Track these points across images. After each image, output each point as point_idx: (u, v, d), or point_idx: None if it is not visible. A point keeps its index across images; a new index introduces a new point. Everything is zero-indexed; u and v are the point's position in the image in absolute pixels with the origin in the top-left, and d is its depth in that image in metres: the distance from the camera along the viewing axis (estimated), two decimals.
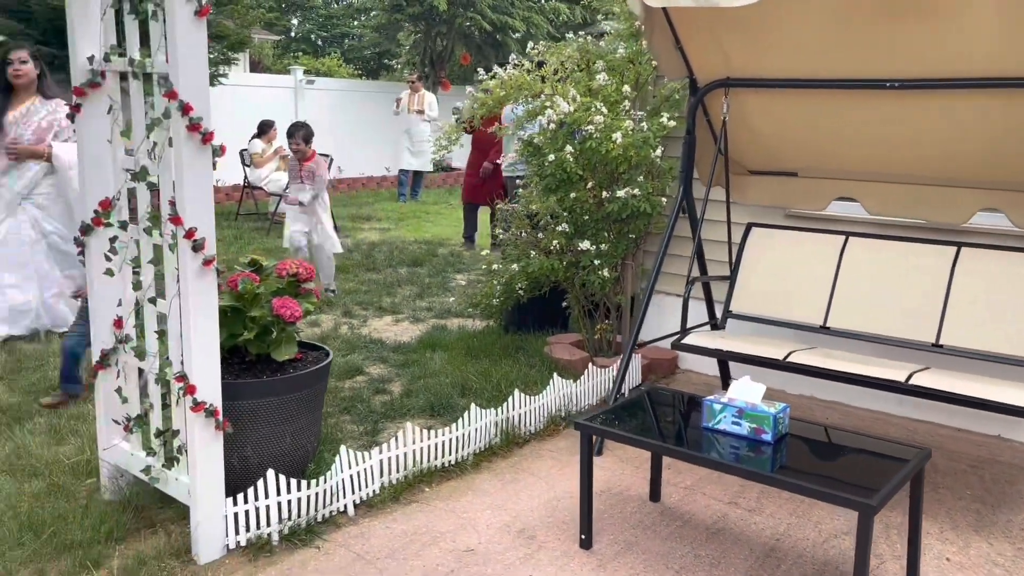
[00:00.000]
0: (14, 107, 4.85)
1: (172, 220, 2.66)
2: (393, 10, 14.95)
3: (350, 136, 14.53)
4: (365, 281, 7.21)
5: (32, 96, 4.87)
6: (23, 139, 4.82)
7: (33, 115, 4.85)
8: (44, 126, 4.88)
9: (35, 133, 4.86)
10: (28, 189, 4.93)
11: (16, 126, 4.84)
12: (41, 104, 4.88)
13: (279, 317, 3.04)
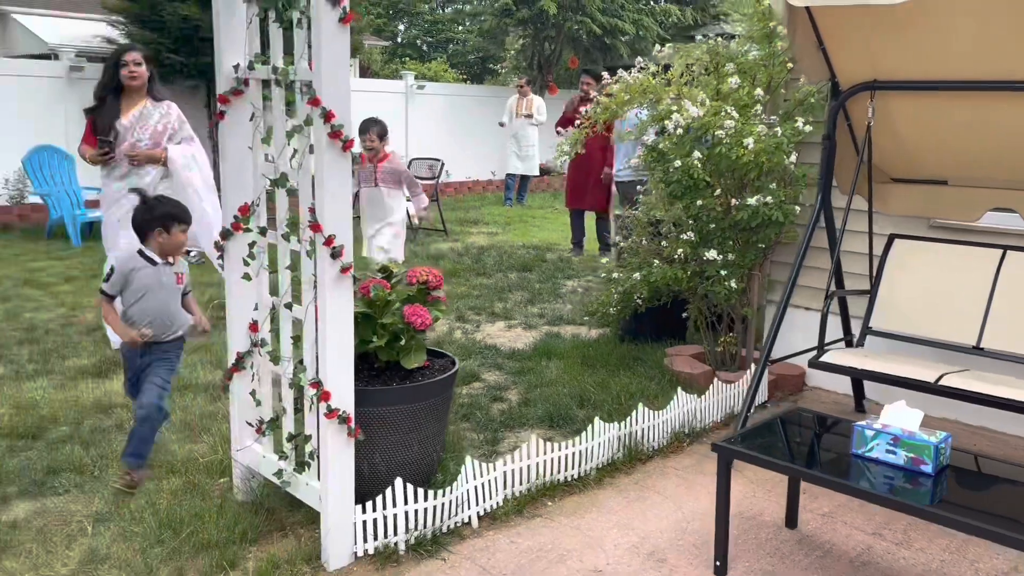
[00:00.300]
0: (126, 110, 4.78)
1: (311, 227, 2.66)
2: (502, 15, 15.01)
3: (456, 140, 14.67)
4: (476, 286, 7.21)
5: (143, 99, 4.82)
6: (141, 143, 4.78)
7: (148, 118, 4.80)
8: (159, 129, 4.83)
9: (151, 137, 4.81)
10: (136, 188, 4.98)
11: (133, 130, 4.77)
12: (153, 107, 4.84)
13: (409, 325, 3.02)
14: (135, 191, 3.71)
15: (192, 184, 4.89)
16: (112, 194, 4.83)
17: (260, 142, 2.96)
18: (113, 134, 4.72)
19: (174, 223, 3.35)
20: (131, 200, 4.71)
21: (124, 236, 4.63)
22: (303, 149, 2.75)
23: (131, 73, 4.70)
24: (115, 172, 4.79)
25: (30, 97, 10.04)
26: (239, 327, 3.15)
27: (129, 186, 4.67)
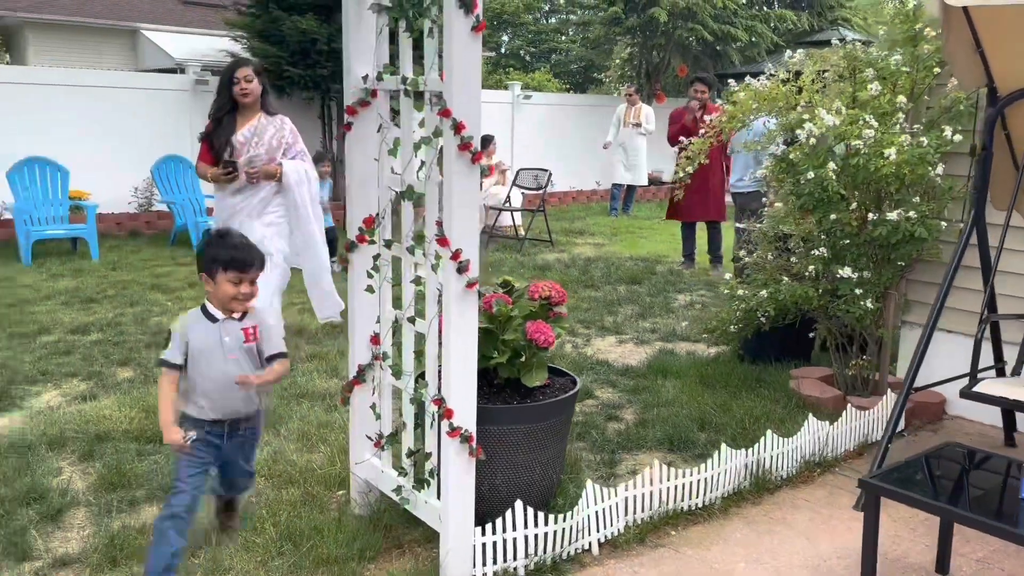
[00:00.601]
0: (241, 125, 4.71)
1: (438, 241, 2.60)
2: (611, 24, 14.86)
3: (560, 149, 14.59)
4: (585, 298, 7.08)
5: (257, 113, 4.75)
6: (257, 159, 4.69)
7: (263, 133, 4.72)
8: (274, 144, 4.74)
9: (267, 152, 4.72)
10: (259, 209, 4.78)
11: (248, 145, 4.69)
12: (267, 121, 4.76)
13: (532, 342, 2.92)
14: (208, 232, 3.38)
15: (304, 201, 4.81)
16: (226, 209, 4.79)
17: (387, 154, 2.93)
18: (229, 150, 4.66)
19: (220, 268, 2.65)
20: (244, 214, 4.68)
21: None
22: (431, 161, 2.69)
23: (243, 90, 4.64)
24: (230, 187, 4.73)
25: (158, 109, 10.54)
26: (361, 339, 3.12)
27: (245, 203, 4.67)
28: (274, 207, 4.80)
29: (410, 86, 2.71)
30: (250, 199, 4.73)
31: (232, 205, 4.74)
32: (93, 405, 4.16)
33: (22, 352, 5.07)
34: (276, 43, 10.52)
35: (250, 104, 4.70)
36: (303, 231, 4.85)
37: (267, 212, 4.79)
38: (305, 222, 4.83)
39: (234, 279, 2.66)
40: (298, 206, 4.75)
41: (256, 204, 4.74)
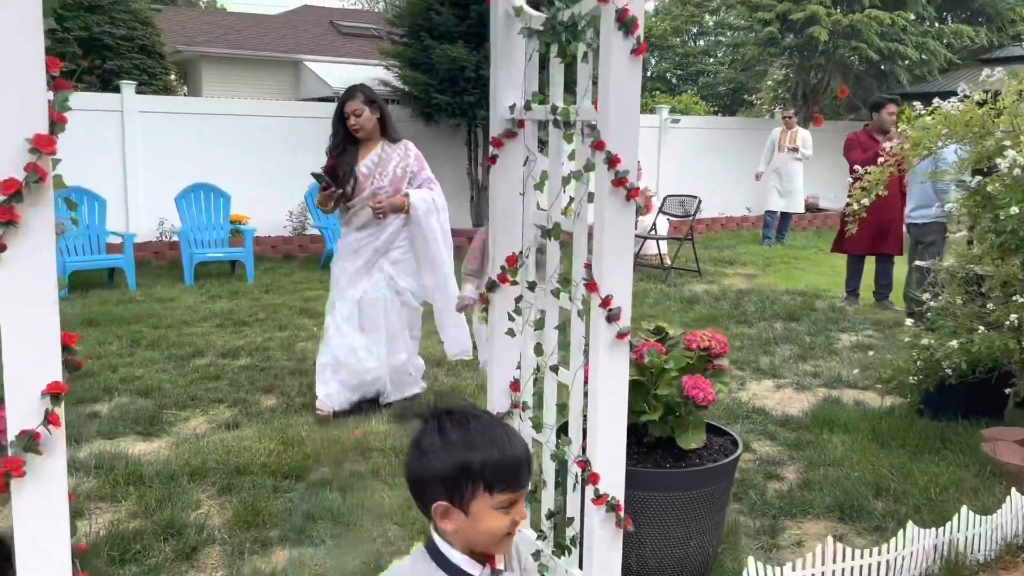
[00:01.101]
0: (363, 155, 4.42)
1: (587, 285, 2.35)
2: (766, 44, 14.23)
3: (709, 174, 14.05)
4: (738, 335, 6.61)
5: (378, 141, 4.44)
6: (382, 191, 4.37)
7: (387, 163, 4.40)
8: (399, 174, 4.41)
9: (392, 183, 4.40)
10: (387, 245, 4.44)
11: (372, 177, 4.37)
12: (391, 148, 4.45)
13: (689, 399, 2.61)
14: None
15: (434, 233, 4.49)
16: (350, 246, 4.46)
17: (533, 188, 2.72)
18: (352, 183, 4.36)
19: (482, 487, 1.43)
20: (371, 250, 4.39)
21: (355, 288, 4.42)
22: (581, 197, 2.45)
23: (354, 125, 4.35)
24: (355, 221, 4.43)
25: (315, 136, 10.87)
26: (500, 385, 2.91)
27: (371, 239, 4.40)
28: (401, 241, 4.47)
29: (560, 116, 2.49)
30: (376, 235, 4.40)
31: (357, 241, 4.44)
32: (235, 434, 4.18)
33: (176, 375, 5.22)
34: (426, 71, 10.68)
35: (367, 136, 4.42)
36: (433, 264, 4.54)
37: (394, 247, 4.47)
38: (436, 255, 4.50)
39: (505, 502, 1.45)
40: (427, 239, 4.43)
41: (383, 240, 4.43)
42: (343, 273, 4.47)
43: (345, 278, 4.44)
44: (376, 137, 4.44)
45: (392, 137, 4.48)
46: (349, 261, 4.44)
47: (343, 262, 4.48)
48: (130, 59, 12.24)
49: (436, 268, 4.52)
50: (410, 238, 4.46)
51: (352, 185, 4.36)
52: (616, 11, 2.17)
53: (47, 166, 1.64)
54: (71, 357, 1.74)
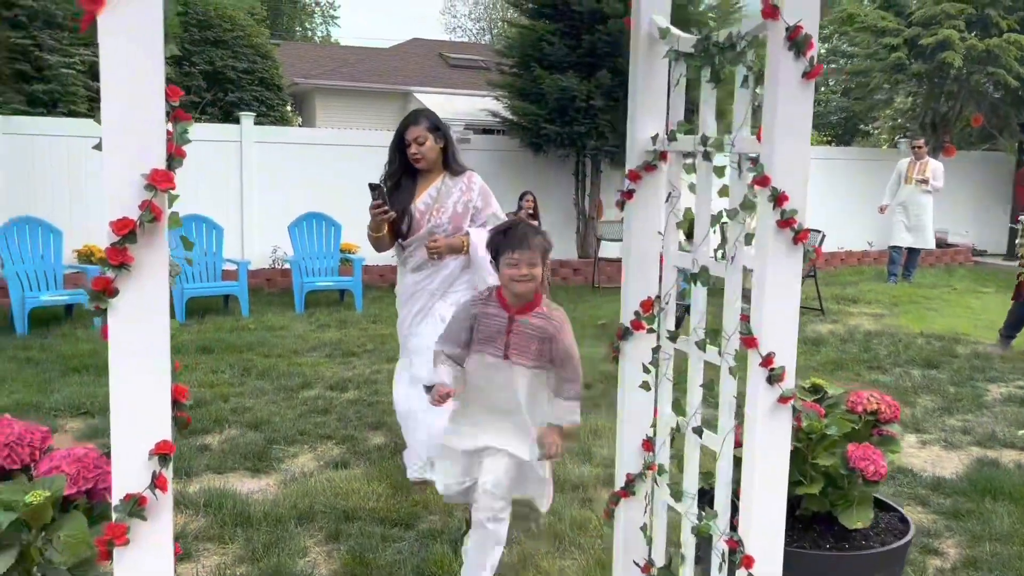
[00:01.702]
0: (420, 190, 3.87)
1: (744, 340, 2.06)
2: (894, 70, 13.49)
3: (826, 206, 13.37)
4: (871, 383, 6.10)
5: (439, 173, 3.88)
6: (440, 230, 3.82)
7: (446, 197, 3.85)
8: (460, 210, 3.85)
9: (451, 220, 3.83)
10: (443, 288, 3.87)
11: (429, 214, 3.82)
12: (452, 182, 3.89)
13: (857, 472, 2.27)
14: None
15: (494, 277, 3.76)
16: (407, 288, 3.93)
17: (675, 227, 2.45)
18: (408, 221, 3.82)
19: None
20: (427, 294, 3.85)
21: (417, 334, 3.83)
22: (735, 238, 2.17)
23: (415, 155, 3.79)
24: (410, 262, 3.90)
25: None
26: (631, 444, 2.63)
27: (427, 281, 3.82)
28: (460, 285, 3.86)
29: (712, 147, 2.22)
30: (432, 277, 3.84)
31: (414, 283, 3.88)
32: (344, 475, 4.04)
33: (285, 407, 5.15)
34: (535, 101, 10.57)
35: (427, 167, 3.85)
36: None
37: (452, 291, 3.86)
38: None
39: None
40: (487, 280, 3.76)
41: (439, 283, 3.85)
42: (402, 322, 3.97)
43: (405, 326, 3.94)
44: (437, 168, 3.88)
45: (455, 169, 3.91)
46: (406, 307, 3.93)
47: (401, 308, 3.99)
48: (250, 91, 12.67)
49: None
50: (470, 282, 3.87)
51: (407, 224, 3.82)
52: (787, 28, 1.90)
53: (163, 204, 1.49)
54: (181, 413, 1.58)
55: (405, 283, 3.95)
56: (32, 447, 1.66)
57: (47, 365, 6.01)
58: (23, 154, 8.95)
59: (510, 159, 11.51)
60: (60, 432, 4.63)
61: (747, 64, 2.07)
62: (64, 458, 1.64)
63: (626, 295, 2.61)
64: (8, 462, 1.63)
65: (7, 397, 5.16)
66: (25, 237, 7.59)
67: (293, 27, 35.09)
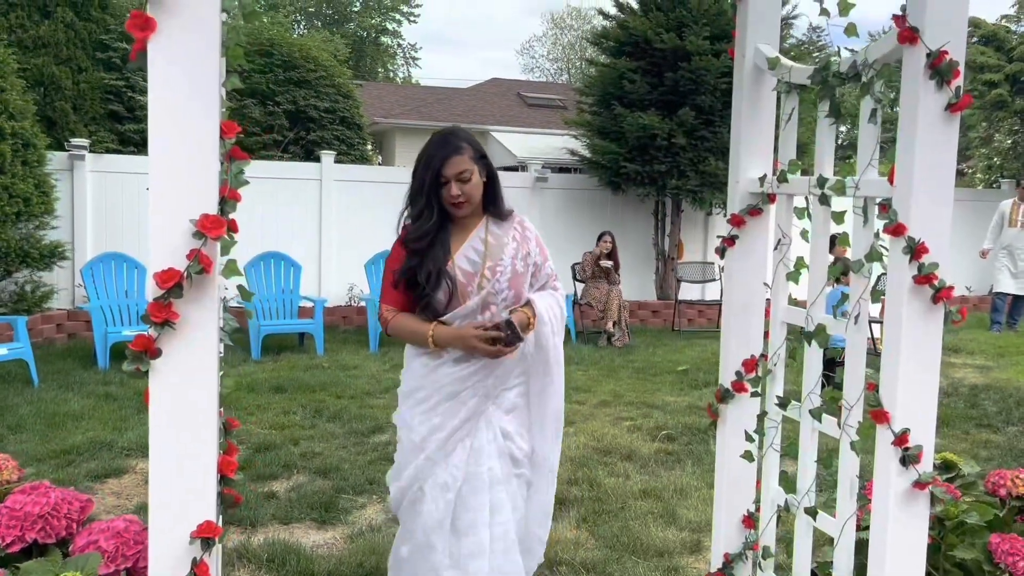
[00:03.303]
0: (458, 241, 2.61)
1: (872, 413, 1.78)
2: (993, 108, 12.85)
3: None
4: (980, 442, 5.59)
5: (478, 217, 2.65)
6: (500, 297, 2.58)
7: (498, 252, 2.60)
8: (520, 268, 2.62)
9: (513, 285, 2.59)
10: (498, 386, 2.59)
11: (479, 277, 2.57)
12: (499, 229, 2.65)
13: (1002, 567, 1.93)
14: None
15: (558, 357, 2.66)
16: (440, 383, 2.54)
17: (784, 278, 2.19)
18: (448, 287, 2.54)
19: None
20: (478, 395, 2.54)
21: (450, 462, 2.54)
22: (859, 295, 1.90)
23: (456, 199, 2.54)
24: (450, 349, 2.56)
25: None
26: (729, 518, 2.35)
27: (477, 377, 2.53)
28: (517, 377, 2.63)
29: (832, 189, 1.96)
30: (482, 373, 2.54)
31: (454, 380, 2.53)
32: None
33: (355, 452, 5.00)
34: (615, 139, 10.38)
35: (469, 212, 2.63)
36: (544, 412, 2.68)
37: (508, 389, 2.62)
38: (552, 399, 2.67)
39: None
40: (551, 372, 2.64)
41: (493, 380, 2.57)
42: (430, 434, 2.52)
43: (434, 442, 2.52)
44: (476, 211, 2.65)
45: (501, 211, 2.69)
46: (440, 412, 2.53)
47: (427, 412, 2.54)
48: (332, 130, 12.84)
49: (546, 417, 2.67)
50: (528, 371, 2.65)
51: (448, 291, 2.55)
52: (928, 54, 1.64)
53: (214, 253, 1.32)
54: (229, 490, 1.39)
55: (437, 376, 2.54)
56: (69, 519, 1.51)
57: (125, 401, 6.01)
58: (112, 191, 9.20)
59: (588, 198, 11.32)
60: (130, 473, 4.57)
61: (875, 96, 1.81)
62: (103, 532, 1.48)
63: (726, 352, 2.35)
64: (42, 535, 1.47)
65: (82, 434, 5.15)
66: (111, 272, 7.74)
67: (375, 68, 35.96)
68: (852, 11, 1.86)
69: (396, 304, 2.62)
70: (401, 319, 2.60)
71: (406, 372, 2.67)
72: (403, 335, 2.61)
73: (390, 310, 2.62)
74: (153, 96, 1.27)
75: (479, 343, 2.45)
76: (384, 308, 2.64)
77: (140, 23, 1.24)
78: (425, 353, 2.58)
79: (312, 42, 14.82)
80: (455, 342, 2.50)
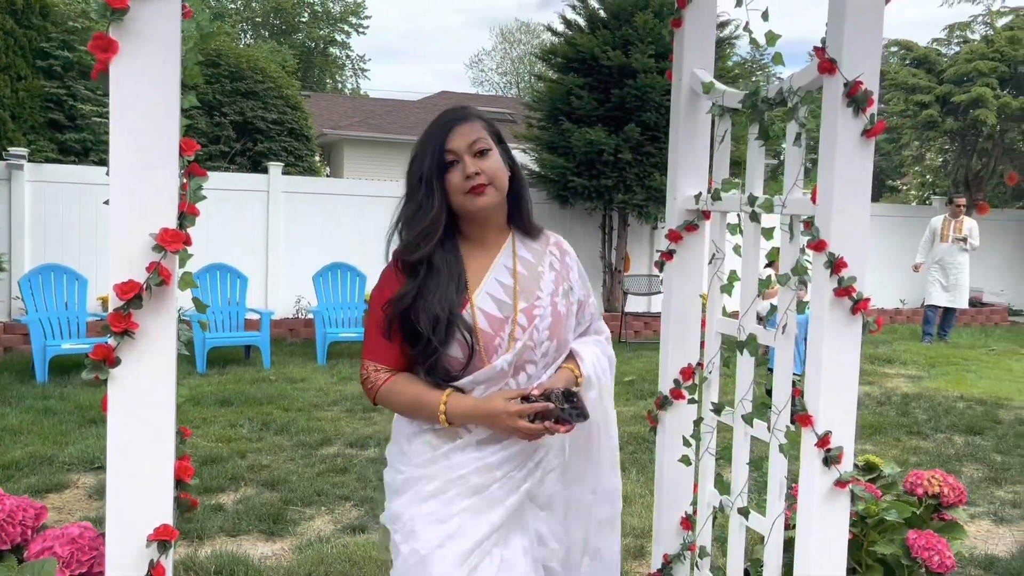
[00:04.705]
0: (478, 265, 1.92)
1: (798, 417, 1.90)
2: (925, 128, 13.38)
3: None
4: (911, 449, 5.84)
5: (502, 233, 1.99)
6: (541, 350, 1.87)
7: (534, 286, 1.91)
8: (562, 309, 1.93)
9: (554, 332, 1.90)
10: (535, 475, 1.88)
11: (510, 325, 1.85)
12: (531, 254, 1.99)
13: (920, 562, 2.07)
14: None
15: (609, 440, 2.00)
16: (458, 471, 1.83)
17: (719, 291, 2.31)
18: (467, 340, 1.82)
19: None
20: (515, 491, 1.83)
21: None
22: (786, 306, 2.02)
23: (478, 184, 1.84)
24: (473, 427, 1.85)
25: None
26: (668, 521, 2.46)
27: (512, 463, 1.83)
28: (556, 457, 1.92)
29: (761, 207, 2.09)
30: (519, 458, 1.85)
31: (476, 470, 1.83)
32: (361, 540, 3.85)
33: (303, 464, 5.00)
34: (563, 154, 10.55)
35: (488, 215, 1.92)
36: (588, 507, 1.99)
37: (548, 471, 1.90)
38: (605, 473, 2.00)
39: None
40: (598, 444, 1.97)
41: (532, 466, 1.88)
42: (444, 545, 1.78)
43: (452, 557, 1.77)
44: (498, 223, 1.96)
45: (529, 226, 2.03)
46: (458, 515, 1.81)
47: (438, 513, 1.81)
48: (279, 142, 12.77)
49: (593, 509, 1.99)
50: (570, 444, 1.93)
51: (468, 343, 1.81)
52: (845, 84, 1.78)
53: (173, 265, 1.37)
54: (186, 494, 1.44)
55: (449, 465, 1.83)
56: (24, 526, 1.53)
57: (65, 416, 5.91)
58: (52, 201, 9.02)
59: (537, 211, 11.27)
60: (72, 487, 4.50)
61: (799, 120, 1.94)
62: (57, 538, 1.51)
63: (665, 361, 2.46)
64: None
65: (22, 449, 5.05)
66: (50, 284, 7.58)
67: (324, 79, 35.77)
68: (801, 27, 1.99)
69: (387, 360, 1.83)
70: (397, 384, 1.82)
71: (398, 454, 1.89)
72: (399, 406, 1.84)
73: (379, 369, 1.83)
74: (115, 114, 1.32)
75: (521, 423, 1.72)
76: (369, 366, 1.84)
77: (103, 44, 1.29)
78: (431, 429, 1.83)
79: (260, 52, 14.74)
80: (481, 421, 1.77)
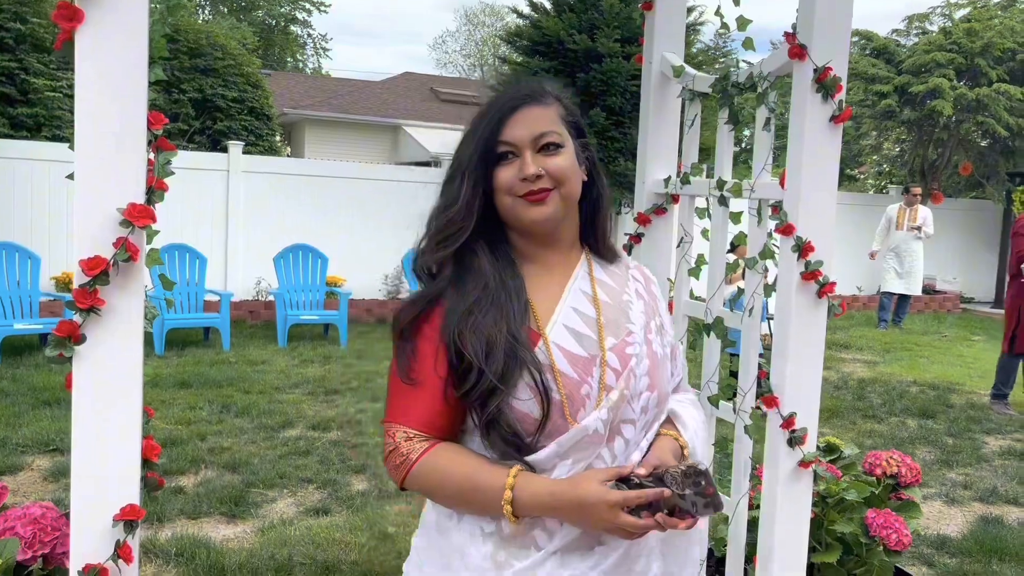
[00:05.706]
0: (547, 294, 1.35)
1: (764, 399, 1.93)
2: (882, 117, 13.61)
3: None
4: (866, 432, 5.98)
5: (573, 253, 1.41)
6: (639, 405, 1.30)
7: (621, 317, 1.35)
8: (657, 349, 1.37)
9: (653, 380, 1.34)
10: None
11: (598, 368, 1.29)
12: (611, 279, 1.41)
13: (878, 540, 2.12)
14: None
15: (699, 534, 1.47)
16: None
17: (687, 274, 2.33)
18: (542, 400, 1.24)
19: None
20: None
21: None
22: (753, 289, 2.05)
23: (540, 191, 1.30)
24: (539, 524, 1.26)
25: (411, 201, 10.85)
26: None
27: None
28: (656, 563, 1.30)
29: (731, 192, 2.11)
30: (610, 564, 1.25)
31: None
32: (324, 522, 3.84)
33: (265, 447, 4.95)
34: None
35: (551, 228, 1.35)
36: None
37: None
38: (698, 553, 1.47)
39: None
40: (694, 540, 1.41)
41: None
42: None
43: None
44: (568, 238, 1.41)
45: (606, 246, 1.45)
46: None
47: None
48: (239, 120, 12.56)
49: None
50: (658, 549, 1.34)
51: (544, 402, 1.24)
52: (815, 70, 1.80)
53: (140, 241, 1.35)
54: (153, 473, 1.42)
55: None
56: None
57: (17, 397, 5.77)
58: (3, 178, 8.76)
59: None
60: (27, 470, 4.41)
61: (769, 105, 1.96)
62: (19, 519, 1.47)
63: None
64: None
65: None
66: (1, 263, 7.38)
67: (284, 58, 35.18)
68: (770, 13, 2.00)
69: (425, 422, 1.29)
70: (441, 457, 1.27)
71: (434, 559, 1.34)
72: (442, 491, 1.28)
73: (412, 436, 1.29)
74: (80, 86, 1.29)
75: (625, 517, 1.18)
76: (397, 433, 1.29)
77: (68, 14, 1.25)
78: (492, 535, 1.27)
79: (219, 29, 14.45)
80: (565, 515, 1.23)
